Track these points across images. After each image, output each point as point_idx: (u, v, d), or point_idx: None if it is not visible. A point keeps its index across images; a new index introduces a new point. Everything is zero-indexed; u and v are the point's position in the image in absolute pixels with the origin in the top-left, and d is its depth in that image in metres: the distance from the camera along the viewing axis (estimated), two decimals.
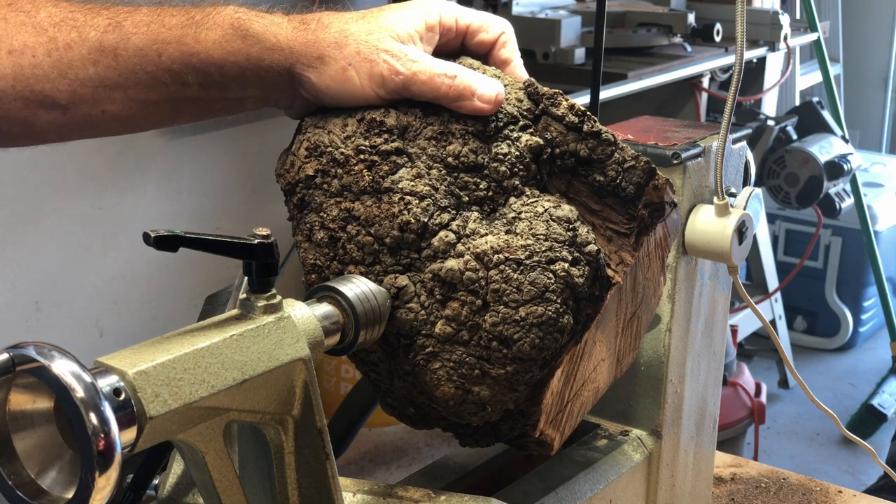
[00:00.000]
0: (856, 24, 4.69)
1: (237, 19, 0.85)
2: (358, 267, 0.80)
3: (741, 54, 0.93)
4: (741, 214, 0.97)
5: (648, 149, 0.97)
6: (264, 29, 0.85)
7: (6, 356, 0.60)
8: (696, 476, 1.10)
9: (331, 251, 0.81)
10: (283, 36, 0.84)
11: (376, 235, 0.79)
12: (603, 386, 0.89)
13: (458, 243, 0.78)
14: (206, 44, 0.85)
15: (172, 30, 0.85)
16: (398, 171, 0.80)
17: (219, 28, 0.85)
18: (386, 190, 0.79)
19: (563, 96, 0.83)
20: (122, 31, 0.86)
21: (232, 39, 0.84)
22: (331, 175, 0.81)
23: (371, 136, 0.81)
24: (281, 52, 0.84)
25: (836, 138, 3.26)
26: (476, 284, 0.77)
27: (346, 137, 0.82)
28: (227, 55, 0.84)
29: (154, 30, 0.86)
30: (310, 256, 0.82)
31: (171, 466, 0.85)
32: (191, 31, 0.85)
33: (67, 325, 2.74)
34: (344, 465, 3.03)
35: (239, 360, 0.67)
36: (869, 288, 4.05)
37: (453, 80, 0.82)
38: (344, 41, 0.83)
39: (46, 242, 2.68)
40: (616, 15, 2.93)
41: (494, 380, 0.78)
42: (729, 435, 3.05)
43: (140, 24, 0.86)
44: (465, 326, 0.77)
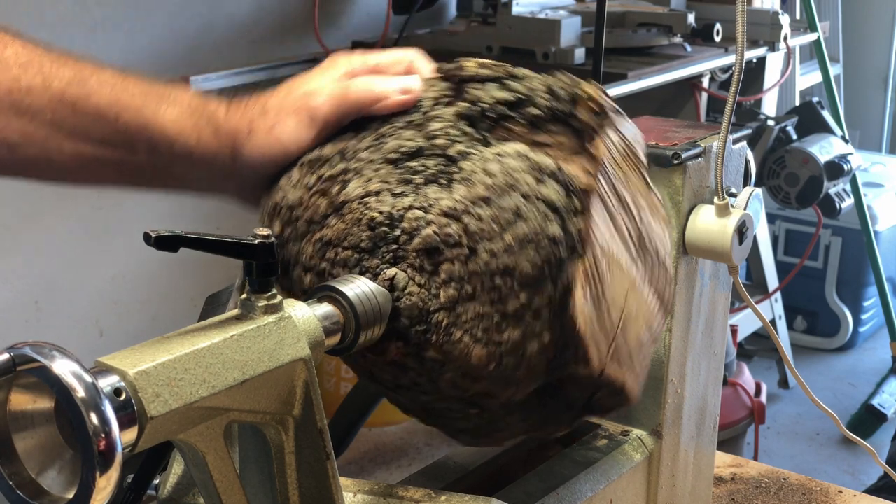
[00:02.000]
0: (856, 24, 4.69)
1: (196, 100, 0.89)
2: None
3: (741, 54, 0.93)
4: (741, 214, 0.97)
5: (648, 149, 0.97)
6: (215, 113, 0.89)
7: (7, 356, 0.60)
8: (696, 476, 1.10)
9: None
10: (225, 120, 0.88)
11: (352, 245, 0.80)
12: (653, 321, 0.87)
13: (426, 216, 0.79)
14: (164, 118, 0.88)
15: (135, 97, 0.89)
16: (348, 185, 0.82)
17: (178, 106, 0.89)
18: (343, 203, 0.81)
19: (466, 60, 0.87)
20: (85, 87, 0.89)
21: (188, 118, 0.88)
22: (293, 220, 0.83)
23: (315, 170, 0.84)
24: (225, 135, 0.88)
25: (836, 138, 3.26)
26: (454, 237, 0.77)
27: (294, 184, 0.84)
28: (180, 133, 0.88)
29: (117, 92, 0.89)
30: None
31: (172, 466, 0.85)
32: (152, 101, 0.88)
33: (67, 325, 2.74)
34: (344, 465, 3.02)
35: (239, 360, 0.67)
36: (869, 288, 4.05)
37: (369, 86, 0.86)
38: (267, 108, 0.88)
39: (46, 242, 2.68)
40: (616, 15, 2.93)
41: (515, 317, 0.77)
42: (729, 435, 3.05)
43: (105, 84, 0.89)
44: (464, 280, 0.77)
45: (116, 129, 0.88)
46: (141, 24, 2.75)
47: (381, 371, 0.83)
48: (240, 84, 2.77)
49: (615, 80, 2.55)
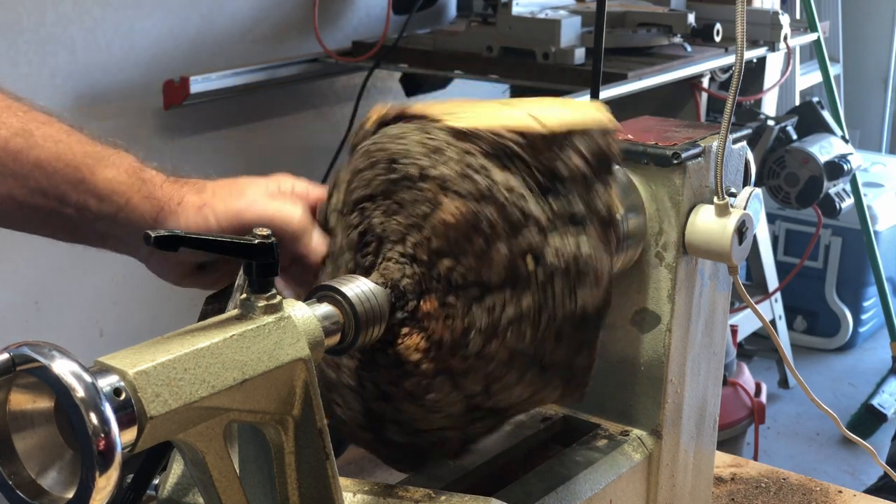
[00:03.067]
0: (856, 24, 4.69)
1: (133, 165, 0.94)
2: None
3: (741, 54, 0.93)
4: (741, 214, 0.97)
5: (648, 149, 0.97)
6: (150, 180, 0.93)
7: (6, 356, 0.60)
8: (696, 476, 1.10)
9: None
10: (158, 188, 0.93)
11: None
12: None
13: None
14: (99, 178, 0.92)
15: (76, 155, 0.93)
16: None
17: (116, 169, 0.93)
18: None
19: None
20: (29, 140, 0.93)
21: (123, 181, 0.93)
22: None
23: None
24: (153, 200, 0.92)
25: (836, 138, 3.25)
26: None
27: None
28: (112, 193, 0.92)
29: (60, 149, 0.93)
30: None
31: (171, 466, 0.85)
32: (91, 160, 0.93)
33: (67, 325, 2.74)
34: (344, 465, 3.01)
35: (239, 360, 0.67)
36: (869, 288, 4.05)
37: (289, 222, 0.90)
38: (203, 187, 0.93)
39: (46, 242, 2.67)
40: (616, 15, 2.93)
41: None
42: (729, 435, 3.05)
43: (49, 140, 0.93)
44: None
45: (51, 183, 0.93)
46: (141, 24, 2.75)
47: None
48: (240, 84, 2.77)
49: (615, 80, 2.55)
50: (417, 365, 0.80)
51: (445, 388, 0.80)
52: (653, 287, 0.99)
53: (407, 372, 0.80)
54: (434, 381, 0.80)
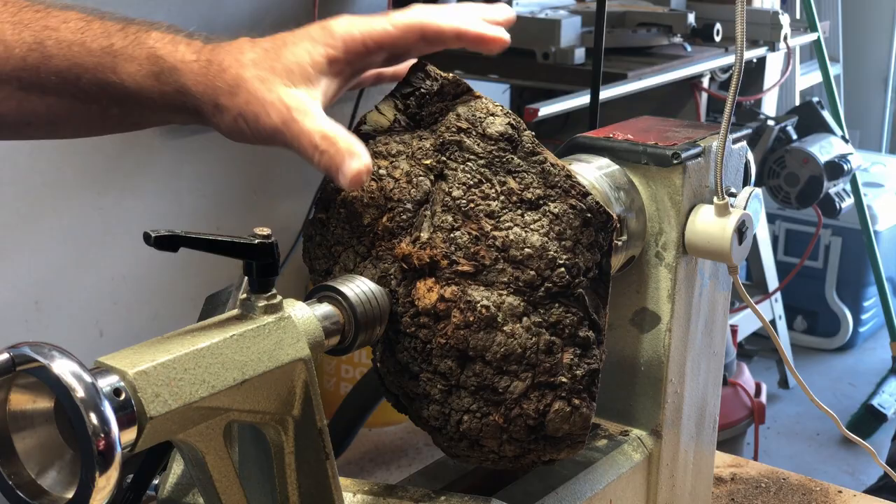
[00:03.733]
0: (856, 24, 4.69)
1: (153, 54, 0.86)
2: None
3: (741, 54, 0.93)
4: (741, 214, 0.97)
5: (648, 149, 0.97)
6: (174, 68, 0.85)
7: (6, 356, 0.60)
8: (696, 476, 1.10)
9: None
10: (189, 78, 0.84)
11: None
12: None
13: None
14: (122, 75, 0.86)
15: (92, 55, 0.86)
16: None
17: (135, 62, 0.86)
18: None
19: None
20: (44, 52, 0.87)
21: (147, 75, 0.85)
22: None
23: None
24: (188, 95, 0.85)
25: (836, 138, 3.26)
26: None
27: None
28: (141, 89, 0.86)
29: (75, 53, 0.87)
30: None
31: (171, 466, 0.85)
32: (108, 60, 0.86)
33: (67, 325, 2.74)
34: (344, 465, 3.04)
35: (239, 360, 0.67)
36: (869, 288, 4.05)
37: (323, 151, 0.80)
38: (237, 89, 0.83)
39: (46, 242, 2.68)
40: (616, 15, 2.93)
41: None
42: (729, 435, 3.05)
43: (62, 45, 0.87)
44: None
45: (81, 89, 0.87)
46: None
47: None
48: None
49: (615, 80, 2.55)
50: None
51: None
52: (652, 287, 0.99)
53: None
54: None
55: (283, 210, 3.11)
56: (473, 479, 0.97)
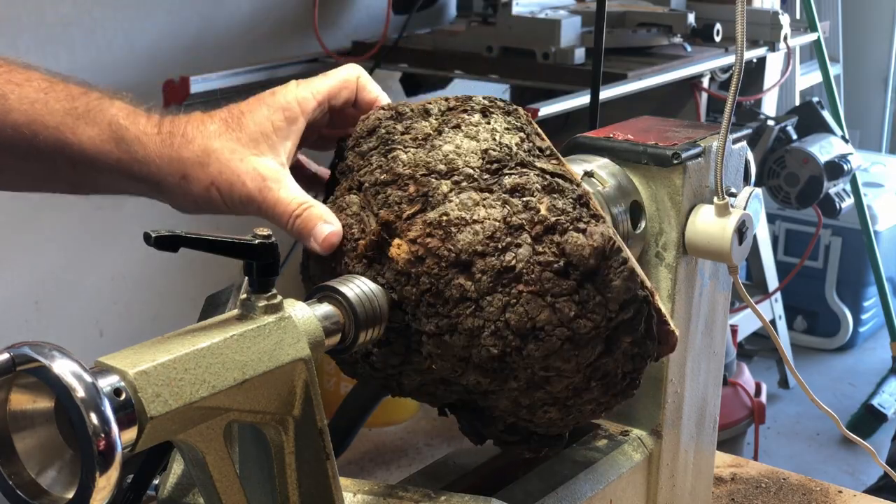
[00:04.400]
0: (856, 24, 4.69)
1: (115, 121, 0.87)
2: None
3: (741, 54, 0.93)
4: (741, 214, 0.97)
5: (648, 149, 0.97)
6: (136, 138, 0.86)
7: (7, 356, 0.60)
8: (696, 476, 1.10)
9: None
10: (152, 150, 0.86)
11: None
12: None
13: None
14: (82, 138, 0.87)
15: (54, 115, 0.87)
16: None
17: (97, 126, 0.87)
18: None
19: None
20: (5, 104, 0.88)
21: (106, 141, 0.86)
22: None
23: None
24: (148, 165, 0.86)
25: (836, 138, 3.25)
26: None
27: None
28: (99, 153, 0.87)
29: (37, 110, 0.87)
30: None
31: (171, 466, 0.85)
32: (70, 121, 0.87)
33: (67, 325, 2.74)
34: (344, 465, 3.03)
35: (239, 360, 0.67)
36: (869, 288, 4.05)
37: (296, 219, 0.84)
38: (207, 159, 0.85)
39: (46, 242, 2.68)
40: (616, 15, 2.93)
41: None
42: (729, 435, 3.05)
43: (24, 101, 0.88)
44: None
45: (35, 147, 0.88)
46: (141, 24, 2.75)
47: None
48: (240, 84, 2.78)
49: (615, 80, 2.55)
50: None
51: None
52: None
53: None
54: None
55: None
56: (473, 479, 0.97)
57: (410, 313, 0.80)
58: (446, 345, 0.80)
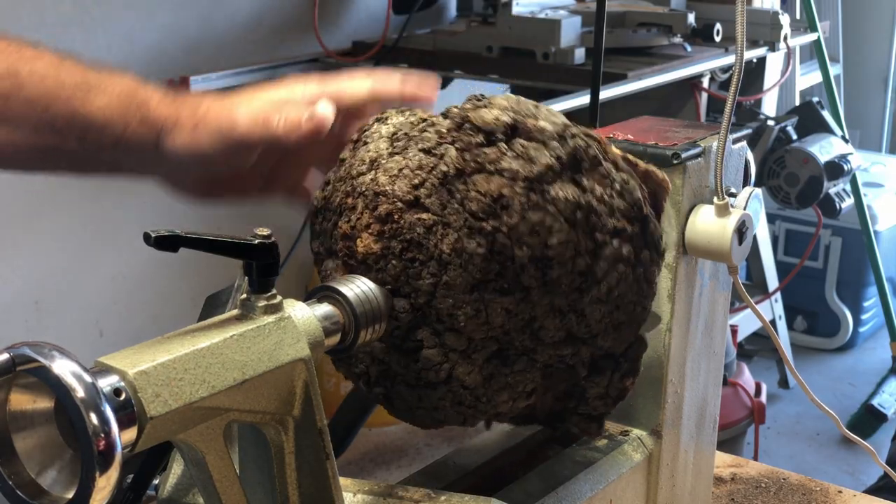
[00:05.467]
0: (856, 24, 4.69)
1: (125, 90, 0.90)
2: None
3: (741, 54, 0.93)
4: (741, 214, 0.97)
5: (648, 149, 0.97)
6: (144, 101, 0.90)
7: (6, 356, 0.60)
8: (696, 476, 1.10)
9: None
10: (154, 109, 0.90)
11: None
12: None
13: None
14: (92, 107, 0.90)
15: (65, 87, 0.90)
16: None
17: (108, 95, 0.90)
18: None
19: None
20: (16, 80, 0.90)
21: (116, 107, 0.90)
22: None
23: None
24: (151, 124, 0.90)
25: (836, 138, 3.26)
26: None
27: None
28: (107, 121, 0.90)
29: (48, 84, 0.90)
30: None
31: (171, 466, 0.85)
32: (81, 92, 0.90)
33: (67, 325, 2.74)
34: (344, 465, 3.02)
35: (239, 360, 0.67)
36: (869, 288, 4.05)
37: (290, 119, 0.88)
38: (199, 106, 0.89)
39: (46, 242, 2.68)
40: (616, 15, 2.93)
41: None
42: (729, 435, 3.05)
43: (35, 76, 0.91)
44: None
45: (46, 120, 0.90)
46: (141, 24, 2.75)
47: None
48: (240, 84, 2.78)
49: (615, 80, 2.55)
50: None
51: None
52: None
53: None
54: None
55: (283, 210, 3.11)
56: (473, 479, 0.97)
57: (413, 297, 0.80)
58: (452, 286, 0.79)
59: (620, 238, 0.82)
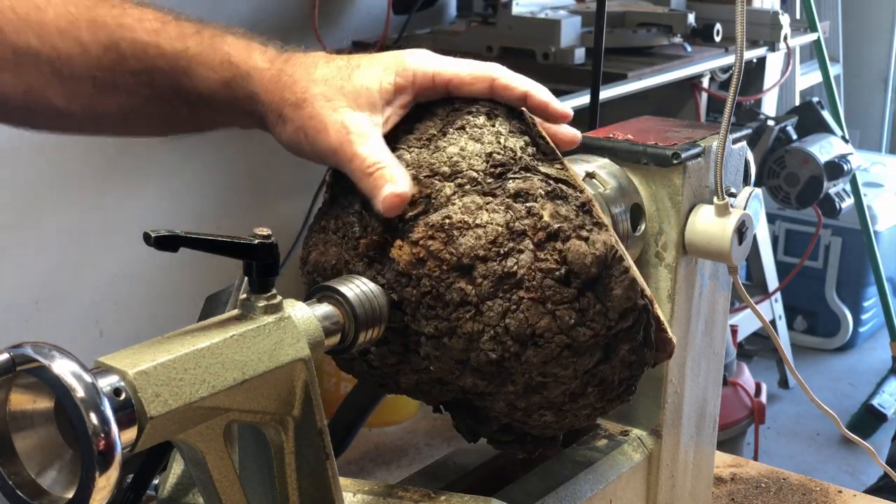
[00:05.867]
0: (856, 24, 4.69)
1: (227, 60, 0.87)
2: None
3: (741, 54, 0.93)
4: (741, 214, 0.97)
5: (648, 149, 0.97)
6: (248, 74, 0.87)
7: (6, 356, 0.60)
8: (696, 476, 1.10)
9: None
10: (260, 85, 0.86)
11: None
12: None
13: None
14: (195, 80, 0.88)
15: (167, 58, 0.88)
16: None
17: (209, 67, 0.88)
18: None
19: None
20: (119, 53, 0.89)
21: (219, 80, 0.87)
22: None
23: None
24: (257, 104, 0.87)
25: (836, 138, 3.25)
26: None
27: None
28: (213, 93, 0.88)
29: (150, 55, 0.88)
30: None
31: (171, 466, 0.85)
32: (183, 63, 0.88)
33: (67, 325, 2.74)
34: (344, 465, 3.03)
35: (239, 360, 0.67)
36: (869, 288, 4.05)
37: (366, 178, 0.81)
38: (302, 103, 0.84)
39: (46, 242, 2.68)
40: (616, 15, 2.93)
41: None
42: (729, 435, 3.05)
43: (138, 47, 0.88)
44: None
45: (154, 90, 0.89)
46: None
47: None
48: None
49: (615, 80, 2.55)
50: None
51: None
52: (652, 287, 0.99)
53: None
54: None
55: (283, 210, 3.11)
56: (473, 479, 0.97)
57: (410, 314, 0.80)
58: (445, 347, 0.79)
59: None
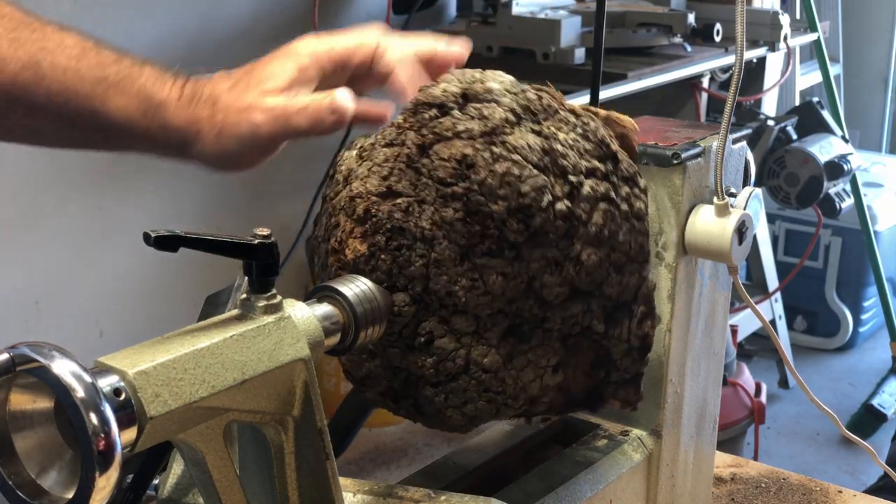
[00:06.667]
0: (856, 24, 4.69)
1: (143, 90, 0.88)
2: None
3: (741, 54, 0.93)
4: (741, 214, 0.97)
5: (648, 149, 0.97)
6: (161, 104, 0.88)
7: (6, 356, 0.60)
8: (696, 476, 1.10)
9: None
10: (173, 113, 0.88)
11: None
12: None
13: None
14: (111, 108, 0.88)
15: (85, 84, 0.88)
16: None
17: (126, 96, 0.88)
18: None
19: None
20: (37, 72, 0.89)
21: (135, 110, 0.88)
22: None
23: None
24: (172, 131, 0.88)
25: (836, 138, 3.25)
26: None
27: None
28: (128, 122, 0.88)
29: (69, 78, 0.89)
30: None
31: (171, 466, 0.85)
32: (100, 90, 0.88)
33: (67, 325, 2.74)
34: (344, 465, 3.03)
35: (239, 360, 0.67)
36: (869, 288, 4.05)
37: (299, 107, 0.86)
38: (214, 110, 0.87)
39: (46, 242, 2.67)
40: (616, 15, 2.93)
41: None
42: (729, 435, 3.05)
43: (57, 69, 0.89)
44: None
45: (68, 114, 0.89)
46: (141, 24, 2.75)
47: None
48: None
49: (615, 80, 2.55)
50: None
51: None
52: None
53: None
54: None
55: (283, 210, 3.11)
56: (473, 479, 0.97)
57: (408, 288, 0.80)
58: (439, 263, 0.80)
59: (595, 177, 0.83)
